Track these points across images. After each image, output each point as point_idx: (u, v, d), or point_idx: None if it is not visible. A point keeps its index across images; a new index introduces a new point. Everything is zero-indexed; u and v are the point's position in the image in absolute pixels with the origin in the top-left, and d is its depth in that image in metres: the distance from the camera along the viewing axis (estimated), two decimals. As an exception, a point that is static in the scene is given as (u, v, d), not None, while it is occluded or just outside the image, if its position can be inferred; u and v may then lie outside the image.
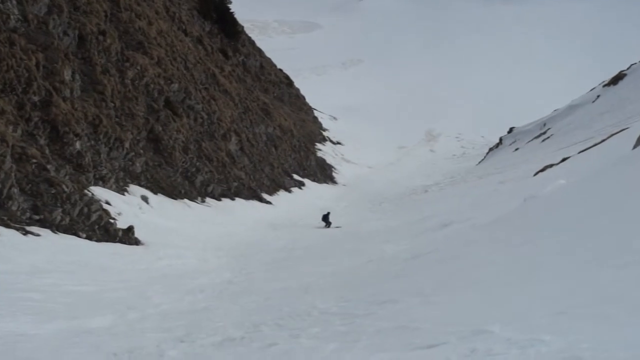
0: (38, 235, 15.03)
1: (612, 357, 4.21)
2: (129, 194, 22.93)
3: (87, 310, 10.26)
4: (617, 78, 46.95)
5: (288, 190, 40.64)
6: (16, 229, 14.62)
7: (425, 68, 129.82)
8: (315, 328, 7.89)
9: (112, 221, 18.83)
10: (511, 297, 7.02)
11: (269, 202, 34.80)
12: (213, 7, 50.05)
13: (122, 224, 19.04)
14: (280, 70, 66.96)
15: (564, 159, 23.80)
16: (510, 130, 57.79)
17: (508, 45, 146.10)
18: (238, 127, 38.06)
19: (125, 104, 25.48)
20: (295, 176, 44.79)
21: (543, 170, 23.52)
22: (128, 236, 18.57)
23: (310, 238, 23.36)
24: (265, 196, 35.30)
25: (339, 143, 69.17)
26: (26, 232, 14.80)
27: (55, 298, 10.63)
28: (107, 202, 20.45)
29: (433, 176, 52.09)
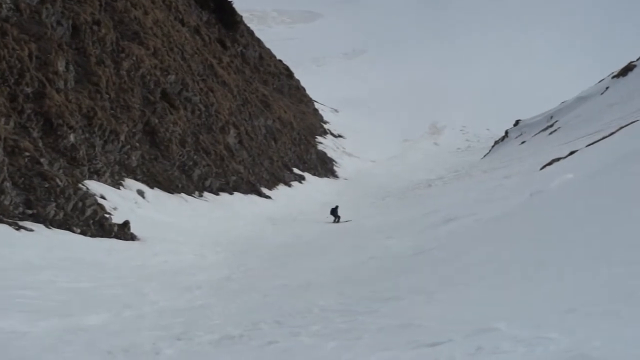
0: (31, 230, 15.02)
1: (623, 356, 4.19)
2: (125, 188, 22.92)
3: (82, 307, 10.25)
4: (627, 69, 46.81)
5: (288, 184, 40.63)
6: (9, 224, 14.61)
7: (429, 59, 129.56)
8: (315, 326, 7.88)
9: (108, 216, 18.82)
10: (517, 294, 7.00)
11: (268, 197, 34.80)
12: (211, -4, 49.96)
13: (118, 219, 19.03)
14: (279, 61, 66.84)
15: (572, 153, 23.75)
16: (516, 123, 57.69)
17: (514, 35, 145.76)
18: (236, 120, 38.01)
19: (120, 96, 25.44)
20: (295, 170, 44.77)
21: (550, 164, 23.48)
22: (124, 231, 18.56)
23: (310, 233, 23.38)
24: (264, 190, 35.29)
25: (340, 136, 69.11)
26: (19, 227, 14.79)
27: (49, 295, 10.62)
28: (102, 197, 20.45)
29: (437, 170, 52.08)
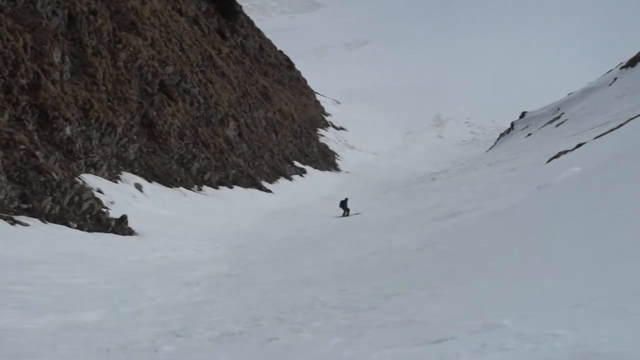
0: (27, 225, 15.03)
1: (631, 353, 4.17)
2: (122, 182, 22.94)
3: (78, 303, 10.24)
4: (636, 60, 46.64)
5: (289, 177, 40.64)
6: (4, 219, 14.62)
7: (433, 49, 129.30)
8: (317, 322, 7.87)
9: (105, 210, 18.84)
10: (524, 290, 6.99)
11: (269, 191, 34.82)
12: (209, -15, 49.90)
13: (115, 214, 19.05)
14: (280, 52, 66.78)
15: (579, 145, 23.68)
16: (522, 114, 57.60)
17: (521, 26, 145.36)
18: (236, 112, 37.99)
19: (117, 88, 25.42)
20: (296, 163, 44.77)
21: (557, 156, 23.42)
22: (121, 226, 18.57)
23: (312, 228, 23.36)
24: (264, 184, 35.32)
25: (342, 128, 69.07)
26: (14, 222, 14.80)
27: (44, 291, 10.62)
28: (99, 191, 20.46)
29: (441, 163, 52.07)
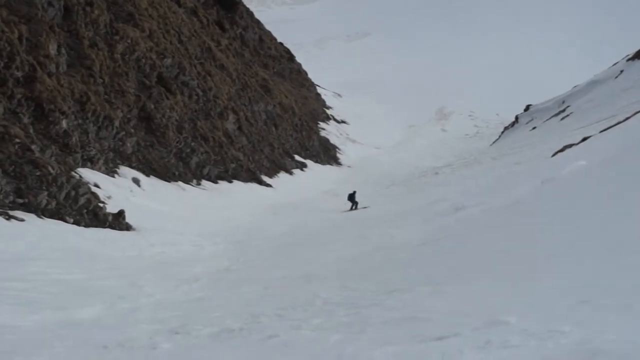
0: (22, 220, 15.02)
1: (637, 349, 4.17)
2: (120, 176, 22.93)
3: (75, 300, 10.24)
4: (642, 52, 46.60)
5: (289, 172, 40.64)
6: (-1, 214, 14.63)
7: (437, 41, 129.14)
8: (317, 319, 7.87)
9: (102, 205, 18.82)
10: (528, 286, 6.98)
11: (269, 185, 34.82)
12: (208, -24, 49.79)
13: (112, 208, 19.04)
14: (280, 43, 66.70)
15: (585, 139, 23.65)
16: (526, 108, 57.60)
17: (525, 17, 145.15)
18: (236, 105, 37.96)
19: (114, 80, 25.39)
20: (296, 157, 44.76)
21: (562, 150, 23.40)
22: (118, 221, 18.57)
23: (313, 223, 23.36)
24: (264, 178, 35.31)
25: (344, 122, 69.05)
26: (9, 217, 14.79)
27: (40, 287, 10.62)
28: (96, 185, 20.45)
29: (444, 157, 52.08)
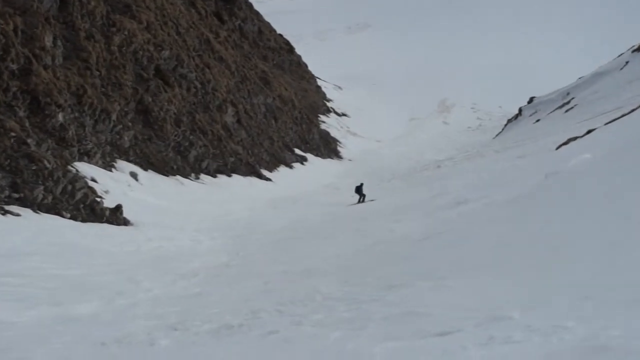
0: (18, 215, 15.03)
1: (643, 346, 4.17)
2: (117, 170, 22.92)
3: (72, 295, 10.26)
4: (648, 42, 46.55)
5: (289, 165, 40.63)
6: (-5, 209, 14.64)
7: (438, 32, 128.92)
8: (318, 314, 7.88)
9: (99, 200, 18.82)
10: (532, 281, 6.98)
11: (269, 179, 34.81)
12: (206, -34, 49.65)
13: (110, 203, 19.03)
14: (280, 35, 66.58)
15: (589, 131, 23.63)
16: (530, 100, 57.53)
17: (529, 8, 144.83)
18: (235, 98, 37.91)
19: (111, 73, 25.35)
20: (296, 150, 44.74)
21: (566, 143, 23.39)
22: (116, 216, 18.57)
23: (313, 217, 23.36)
24: (264, 172, 35.30)
25: (344, 115, 69.01)
26: (5, 212, 14.80)
27: (37, 283, 10.63)
28: (93, 179, 20.44)
29: (446, 150, 52.04)
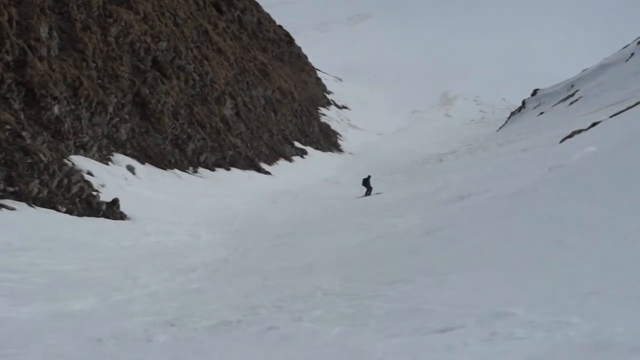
0: (13, 209, 15.02)
1: (648, 343, 4.17)
2: (114, 164, 22.91)
3: (68, 291, 10.27)
4: (654, 34, 46.50)
5: (289, 159, 40.62)
6: (-11, 203, 14.63)
7: (440, 23, 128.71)
8: (318, 310, 7.89)
9: (95, 194, 18.81)
10: (535, 277, 6.98)
11: (268, 172, 34.80)
12: (204, -44, 49.52)
13: (106, 197, 19.03)
14: (279, 26, 66.44)
15: (594, 124, 23.64)
16: (534, 92, 57.49)
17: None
18: (233, 90, 37.87)
19: (108, 64, 25.31)
20: (296, 144, 44.72)
21: (570, 136, 23.41)
22: (112, 210, 18.57)
23: (313, 211, 23.37)
24: (263, 166, 35.29)
25: (345, 107, 68.96)
26: (0, 206, 14.80)
27: (32, 278, 10.64)
28: (89, 173, 20.42)
29: (448, 143, 52.02)
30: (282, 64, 60.00)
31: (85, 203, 17.95)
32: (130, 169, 23.40)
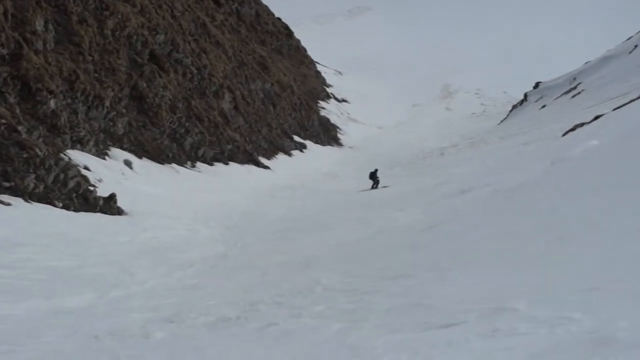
0: (9, 204, 15.00)
1: (651, 338, 4.17)
2: (111, 158, 22.88)
3: (65, 287, 10.27)
4: (658, 26, 46.44)
5: (288, 153, 40.60)
6: (-15, 198, 14.62)
7: (441, 15, 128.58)
8: (318, 306, 7.88)
9: (92, 189, 18.80)
10: (537, 272, 6.98)
11: (267, 167, 34.79)
12: (202, -52, 49.42)
13: (103, 192, 19.01)
14: (278, 19, 66.37)
15: (597, 117, 23.62)
16: (536, 85, 57.43)
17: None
18: (232, 83, 37.82)
19: (105, 58, 25.27)
20: (295, 138, 44.70)
21: (573, 129, 23.40)
22: (109, 205, 18.55)
23: (313, 206, 23.37)
24: (262, 160, 35.27)
25: (345, 101, 68.92)
26: (-4, 201, 14.80)
27: (28, 274, 10.64)
28: (86, 168, 20.40)
29: (450, 137, 51.99)
30: (281, 57, 59.93)
31: (82, 198, 17.93)
32: (127, 164, 23.37)
